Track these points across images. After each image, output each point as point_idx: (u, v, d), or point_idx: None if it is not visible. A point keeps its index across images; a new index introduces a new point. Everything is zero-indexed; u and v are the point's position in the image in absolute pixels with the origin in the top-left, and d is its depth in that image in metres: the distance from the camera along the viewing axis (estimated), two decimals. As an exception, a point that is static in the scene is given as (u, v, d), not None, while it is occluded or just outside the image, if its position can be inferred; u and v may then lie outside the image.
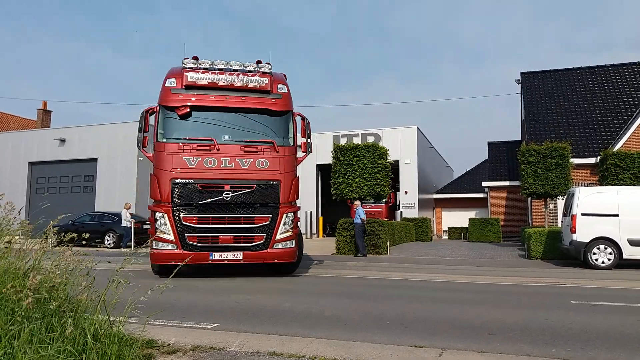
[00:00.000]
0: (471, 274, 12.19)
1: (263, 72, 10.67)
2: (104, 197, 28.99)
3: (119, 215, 21.77)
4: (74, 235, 5.14)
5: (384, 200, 23.95)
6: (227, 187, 10.10)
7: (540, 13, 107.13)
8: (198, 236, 10.01)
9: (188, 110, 10.24)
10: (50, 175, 31.31)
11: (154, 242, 9.89)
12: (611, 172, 19.02)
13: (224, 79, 10.43)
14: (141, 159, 29.25)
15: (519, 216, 29.25)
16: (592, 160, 23.14)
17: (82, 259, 4.54)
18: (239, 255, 10.08)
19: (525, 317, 6.42)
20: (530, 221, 25.35)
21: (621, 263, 13.54)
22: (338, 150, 18.43)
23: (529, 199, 23.67)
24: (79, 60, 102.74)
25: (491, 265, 14.47)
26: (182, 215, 9.98)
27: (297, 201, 11.00)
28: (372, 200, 19.40)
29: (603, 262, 13.51)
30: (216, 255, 10.00)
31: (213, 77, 10.38)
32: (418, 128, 30.69)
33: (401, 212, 29.75)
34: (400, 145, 29.53)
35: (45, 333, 3.67)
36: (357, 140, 26.97)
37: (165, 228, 9.94)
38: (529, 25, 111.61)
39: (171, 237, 9.91)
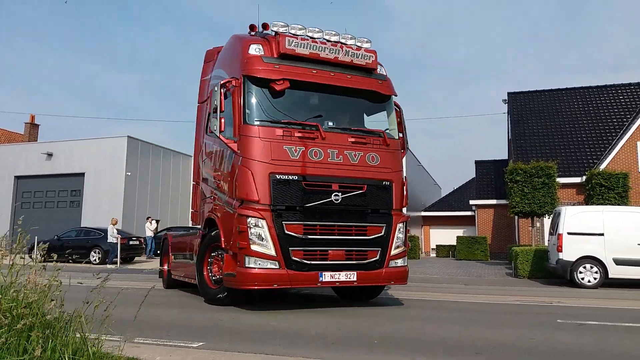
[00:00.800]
0: (459, 292, 12.20)
1: (367, 48, 8.87)
2: (91, 212, 28.71)
3: (105, 231, 21.57)
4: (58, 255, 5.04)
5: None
6: (335, 186, 8.11)
7: (525, 36, 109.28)
8: (304, 250, 7.85)
9: (288, 85, 8.10)
10: (36, 190, 31.01)
11: (246, 257, 7.62)
12: (597, 192, 19.29)
13: (327, 50, 8.47)
14: (129, 173, 29.07)
15: (506, 234, 29.41)
16: (578, 180, 23.42)
17: (57, 274, 4.45)
18: (352, 276, 8.07)
19: (512, 336, 6.42)
20: (517, 240, 25.49)
21: (607, 282, 13.64)
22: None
23: (516, 217, 23.84)
24: (67, 74, 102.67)
25: (479, 284, 14.50)
26: (284, 222, 7.78)
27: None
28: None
29: (589, 281, 13.59)
30: (327, 276, 7.91)
31: (315, 46, 8.38)
32: (407, 146, 30.86)
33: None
34: (389, 163, 29.60)
35: (17, 356, 3.59)
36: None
37: (263, 239, 7.62)
38: (514, 47, 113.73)
39: (272, 252, 7.62)
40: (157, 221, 26.96)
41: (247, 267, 7.60)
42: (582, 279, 13.67)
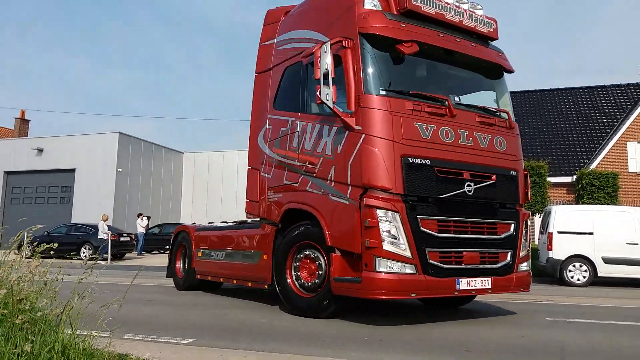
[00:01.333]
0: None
1: (486, 15, 7.68)
2: (81, 208, 28.55)
3: (95, 227, 21.46)
4: (51, 245, 4.98)
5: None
6: (466, 174, 6.77)
7: (518, 39, 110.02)
8: (440, 252, 6.48)
9: (417, 49, 6.61)
10: (26, 185, 30.78)
11: (377, 259, 6.09)
12: (587, 191, 19.47)
13: (453, 11, 7.20)
14: (120, 170, 28.92)
15: (497, 233, 29.59)
16: (568, 179, 23.59)
17: (48, 270, 4.44)
18: (487, 283, 6.81)
19: (501, 334, 6.46)
20: (508, 238, 25.63)
21: (596, 280, 13.77)
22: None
23: (507, 216, 23.94)
24: (58, 70, 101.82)
25: (469, 282, 14.54)
26: (419, 216, 6.35)
27: None
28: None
29: (578, 280, 13.72)
30: (464, 284, 6.56)
31: (440, 5, 7.08)
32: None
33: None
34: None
35: (7, 349, 3.57)
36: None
37: (397, 237, 6.17)
38: (507, 49, 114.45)
39: (407, 253, 6.18)
40: (148, 218, 26.86)
41: (378, 272, 6.08)
42: (572, 277, 13.79)
